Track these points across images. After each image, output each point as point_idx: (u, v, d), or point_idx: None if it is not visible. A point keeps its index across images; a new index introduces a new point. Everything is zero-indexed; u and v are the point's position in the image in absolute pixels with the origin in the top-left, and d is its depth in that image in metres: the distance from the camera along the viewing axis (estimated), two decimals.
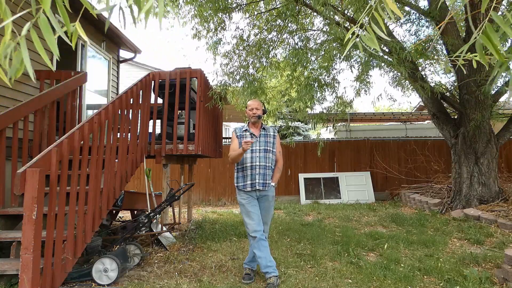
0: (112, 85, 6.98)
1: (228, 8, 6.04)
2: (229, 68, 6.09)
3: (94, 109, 5.69)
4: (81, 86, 4.84)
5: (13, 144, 3.51)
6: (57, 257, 2.64)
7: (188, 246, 4.42)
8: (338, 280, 3.15)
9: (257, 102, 3.39)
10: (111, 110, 3.57)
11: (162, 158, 4.73)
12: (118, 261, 3.18)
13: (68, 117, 4.57)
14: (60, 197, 2.67)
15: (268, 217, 3.33)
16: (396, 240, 4.50)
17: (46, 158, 2.55)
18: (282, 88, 7.40)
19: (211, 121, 5.70)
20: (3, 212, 3.29)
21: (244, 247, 4.39)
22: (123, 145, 3.85)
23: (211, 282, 3.15)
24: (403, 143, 9.57)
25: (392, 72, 7.02)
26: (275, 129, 3.47)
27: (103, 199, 3.37)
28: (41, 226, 2.37)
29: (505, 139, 6.54)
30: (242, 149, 3.05)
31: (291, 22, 6.22)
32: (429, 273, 3.29)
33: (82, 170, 3.02)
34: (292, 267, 3.55)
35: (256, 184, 3.17)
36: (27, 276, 2.26)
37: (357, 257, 3.83)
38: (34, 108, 3.88)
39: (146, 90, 4.66)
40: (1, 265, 2.75)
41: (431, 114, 7.15)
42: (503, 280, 2.95)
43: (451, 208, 6.39)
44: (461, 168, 6.53)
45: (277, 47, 6.52)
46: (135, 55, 7.94)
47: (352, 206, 8.08)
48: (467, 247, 4.20)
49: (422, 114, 12.85)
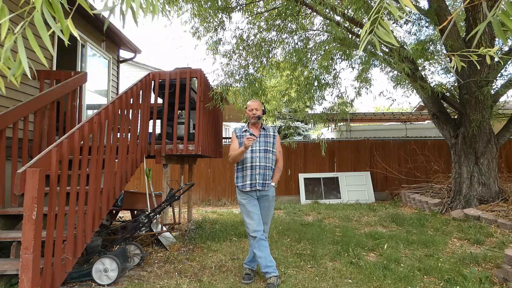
0: (112, 85, 6.98)
1: (228, 8, 6.03)
2: (229, 68, 6.09)
3: (94, 109, 5.69)
4: (81, 86, 4.84)
5: (13, 144, 3.51)
6: (57, 257, 2.63)
7: (188, 246, 4.42)
8: (338, 280, 3.15)
9: (257, 102, 3.39)
10: (111, 110, 3.57)
11: (162, 158, 4.72)
12: (118, 261, 3.18)
13: (68, 117, 4.57)
14: (60, 197, 2.67)
15: (268, 217, 3.33)
16: (396, 240, 4.50)
17: (46, 158, 2.55)
18: (282, 88, 7.40)
19: (211, 121, 5.70)
20: (3, 212, 3.29)
21: (244, 247, 4.39)
22: (123, 145, 3.85)
23: (211, 282, 3.15)
24: (403, 143, 9.57)
25: (392, 72, 7.02)
26: (275, 129, 3.47)
27: (103, 199, 3.37)
28: (41, 226, 2.36)
29: (505, 139, 6.54)
30: (244, 146, 3.05)
31: (291, 22, 6.22)
32: (429, 273, 3.29)
33: (82, 170, 3.02)
34: (292, 267, 3.55)
35: (256, 184, 3.17)
36: (27, 276, 2.26)
37: (357, 257, 3.83)
38: (34, 108, 3.88)
39: (146, 90, 4.66)
40: (1, 265, 2.74)
41: (431, 114, 7.15)
42: (503, 280, 2.95)
43: (451, 208, 6.39)
44: (461, 168, 6.53)
45: (277, 47, 6.52)
46: (135, 55, 7.93)
47: (352, 206, 8.08)
48: (467, 247, 4.20)
49: (422, 114, 12.85)
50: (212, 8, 5.78)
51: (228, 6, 6.04)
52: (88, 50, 6.03)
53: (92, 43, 6.13)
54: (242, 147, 3.10)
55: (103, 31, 6.41)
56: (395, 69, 6.11)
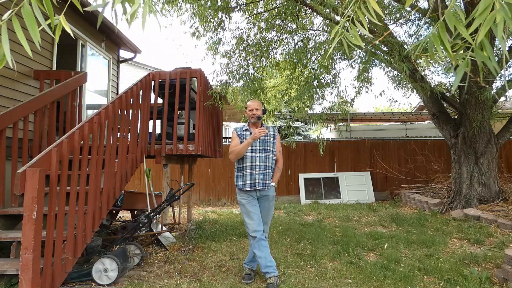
0: (112, 85, 6.98)
1: (228, 8, 6.03)
2: (229, 67, 6.08)
3: (94, 109, 5.68)
4: (81, 86, 4.84)
5: (13, 144, 3.51)
6: (57, 257, 2.63)
7: (188, 246, 4.42)
8: (338, 280, 3.15)
9: (257, 102, 3.38)
10: (111, 110, 3.57)
11: (162, 158, 4.72)
12: (118, 261, 3.18)
13: (68, 117, 4.57)
14: (60, 197, 2.67)
15: (268, 217, 3.32)
16: (396, 240, 4.50)
17: (46, 158, 2.55)
18: (282, 88, 7.40)
19: (211, 121, 5.70)
20: (3, 212, 3.29)
21: (244, 247, 4.39)
22: (123, 145, 3.85)
23: (211, 282, 3.15)
24: (403, 143, 9.57)
25: (392, 72, 7.02)
26: (275, 128, 3.46)
27: (103, 199, 3.36)
28: (41, 226, 2.36)
29: (505, 139, 6.54)
30: (253, 137, 3.04)
31: (291, 22, 6.22)
32: (429, 273, 3.29)
33: (82, 170, 3.02)
34: (292, 267, 3.55)
35: (256, 184, 3.17)
36: (27, 276, 2.26)
37: (357, 257, 3.83)
38: (34, 108, 3.88)
39: (146, 90, 4.66)
40: (1, 265, 2.74)
41: (431, 114, 7.15)
42: (503, 280, 2.95)
43: (451, 208, 6.39)
44: (461, 168, 6.53)
45: (277, 47, 6.52)
46: (135, 55, 7.93)
47: (352, 206, 8.08)
48: (467, 247, 4.20)
49: (422, 114, 12.85)
50: (212, 8, 5.78)
51: (228, 6, 6.03)
52: (88, 50, 6.03)
53: (92, 43, 6.13)
54: (249, 139, 3.09)
55: (104, 30, 6.41)
56: (395, 69, 6.11)
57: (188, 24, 6.34)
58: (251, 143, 3.17)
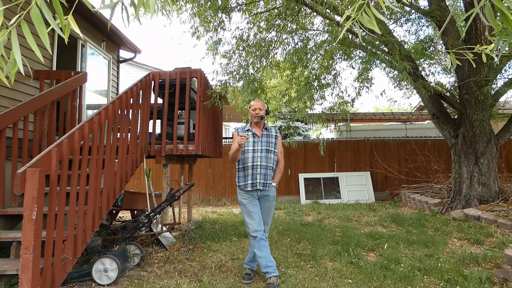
0: (112, 85, 6.98)
1: (228, 8, 6.03)
2: (229, 67, 6.09)
3: (94, 109, 5.69)
4: (81, 86, 4.84)
5: (13, 144, 3.51)
6: (57, 257, 2.63)
7: (188, 246, 4.42)
8: (338, 280, 3.15)
9: (260, 102, 3.38)
10: (111, 110, 3.57)
11: (162, 158, 4.72)
12: (118, 261, 3.18)
13: (68, 117, 4.57)
14: (60, 197, 2.67)
15: (269, 217, 3.33)
16: (396, 240, 4.50)
17: (46, 158, 2.55)
18: (282, 88, 7.40)
19: (211, 121, 5.70)
20: (3, 212, 3.28)
21: (244, 247, 4.39)
22: (123, 145, 3.85)
23: (211, 282, 3.15)
24: (403, 143, 9.57)
25: (392, 72, 7.02)
26: (277, 129, 3.47)
27: (103, 199, 3.36)
28: (41, 226, 2.36)
29: (505, 139, 6.54)
30: (238, 145, 3.07)
31: (291, 22, 6.22)
32: (429, 273, 3.29)
33: (82, 170, 3.02)
34: (292, 267, 3.55)
35: (257, 184, 3.17)
36: (27, 276, 2.26)
37: (357, 257, 3.83)
38: (34, 108, 3.88)
39: (146, 90, 4.66)
40: (1, 265, 2.74)
41: (431, 114, 7.15)
42: (503, 280, 2.95)
43: (451, 208, 6.39)
44: (461, 168, 6.52)
45: (277, 47, 6.52)
46: (135, 55, 7.94)
47: (352, 206, 8.07)
48: (467, 247, 4.20)
49: (422, 114, 12.86)
50: (212, 8, 5.78)
51: (228, 6, 6.03)
52: (88, 50, 6.03)
53: (92, 43, 6.13)
54: (236, 144, 3.12)
55: (104, 30, 6.41)
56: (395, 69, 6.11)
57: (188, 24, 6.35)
58: (249, 145, 3.23)
